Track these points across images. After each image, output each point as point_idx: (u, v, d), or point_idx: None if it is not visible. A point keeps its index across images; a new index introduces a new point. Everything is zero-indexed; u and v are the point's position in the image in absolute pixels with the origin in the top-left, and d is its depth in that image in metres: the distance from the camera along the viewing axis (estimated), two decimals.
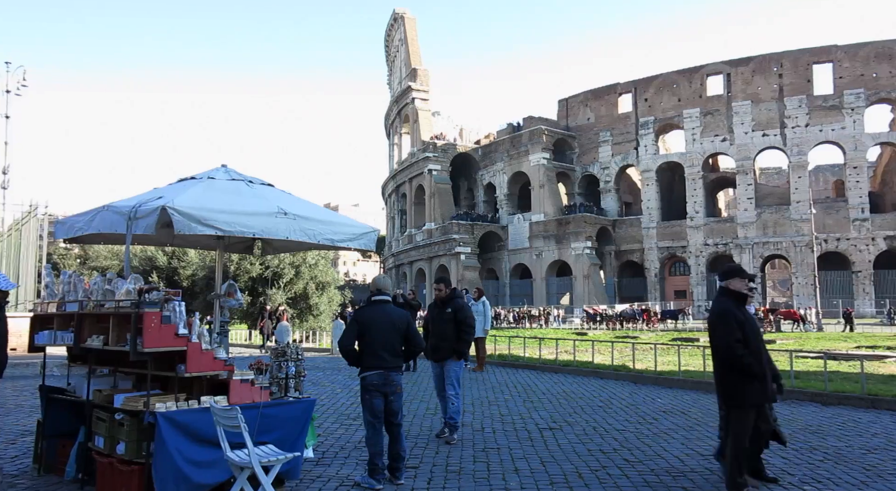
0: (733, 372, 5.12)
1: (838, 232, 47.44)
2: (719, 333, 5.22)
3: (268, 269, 34.49)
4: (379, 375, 5.77)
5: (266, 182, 6.75)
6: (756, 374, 5.08)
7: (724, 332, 5.16)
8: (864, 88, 47.70)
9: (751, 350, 5.08)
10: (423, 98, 65.76)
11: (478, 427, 8.37)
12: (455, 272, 56.73)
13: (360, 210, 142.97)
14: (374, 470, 5.63)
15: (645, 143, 55.17)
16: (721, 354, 5.23)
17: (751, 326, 5.24)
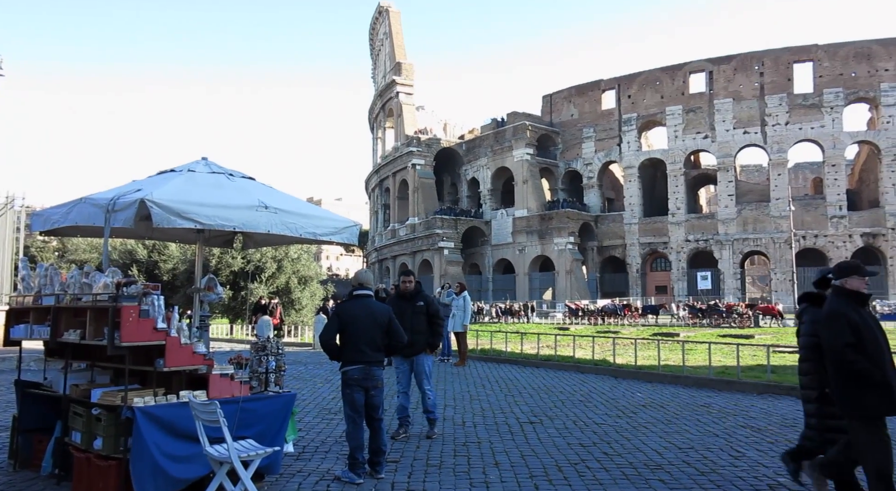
0: (850, 379, 4.53)
1: (816, 229, 48.12)
2: (828, 336, 4.63)
3: (249, 263, 34.30)
4: (360, 369, 5.77)
5: (247, 175, 6.70)
6: (877, 381, 4.44)
7: (832, 334, 4.56)
8: (843, 87, 48.34)
9: (868, 355, 4.47)
10: (407, 92, 65.55)
11: (459, 421, 8.41)
12: (438, 267, 56.77)
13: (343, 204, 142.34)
14: (355, 464, 5.63)
15: (628, 140, 55.50)
16: (831, 358, 4.64)
17: (869, 329, 4.59)
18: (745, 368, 12.54)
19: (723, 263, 50.53)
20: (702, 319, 34.66)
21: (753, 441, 7.22)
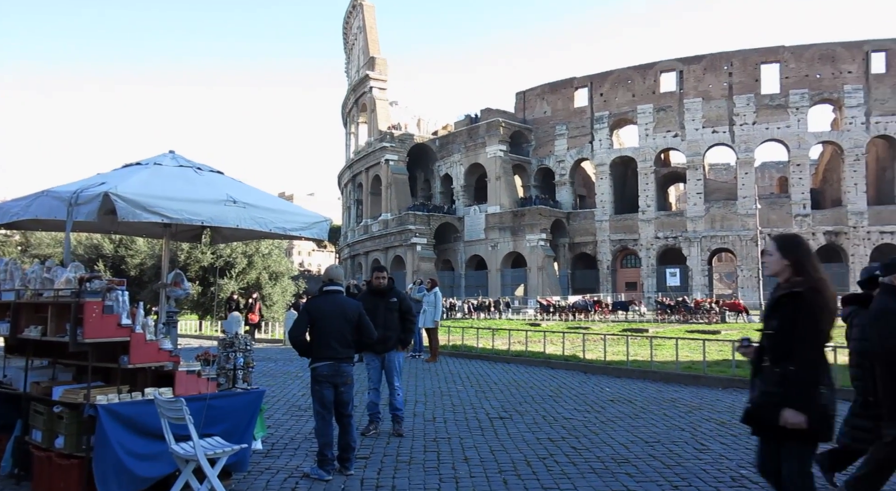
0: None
1: (781, 227, 49.13)
2: (876, 336, 4.27)
3: (219, 258, 33.87)
4: (329, 365, 5.74)
5: (215, 169, 6.62)
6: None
7: (882, 334, 4.22)
8: (808, 89, 49.41)
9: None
10: (380, 87, 65.24)
11: (429, 417, 8.42)
12: (411, 263, 56.70)
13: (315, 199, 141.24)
14: (324, 461, 5.61)
15: (600, 138, 56.00)
16: (882, 361, 4.28)
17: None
18: (710, 363, 12.77)
19: (691, 260, 51.35)
20: (670, 315, 35.22)
21: (718, 434, 7.36)
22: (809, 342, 3.42)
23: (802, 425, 3.34)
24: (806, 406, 3.35)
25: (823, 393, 3.40)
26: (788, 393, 3.40)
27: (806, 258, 3.60)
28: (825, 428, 3.44)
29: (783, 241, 3.75)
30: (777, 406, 3.41)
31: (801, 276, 3.54)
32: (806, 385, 3.39)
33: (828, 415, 3.41)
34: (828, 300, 3.48)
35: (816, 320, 3.41)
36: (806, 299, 3.44)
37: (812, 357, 3.43)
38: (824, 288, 3.49)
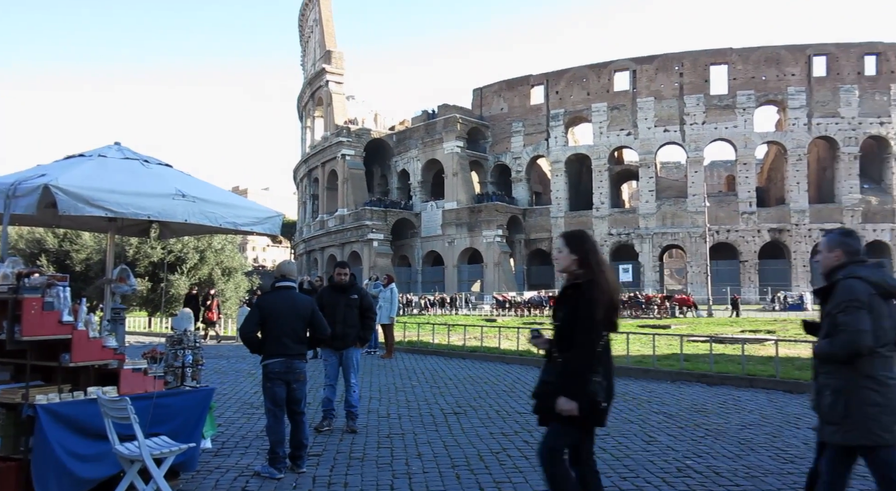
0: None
1: (729, 224, 50.67)
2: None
3: (170, 253, 33.02)
4: (281, 362, 5.67)
5: (164, 162, 6.45)
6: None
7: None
8: (754, 90, 51.00)
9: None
10: (337, 81, 64.59)
11: (384, 414, 8.40)
12: (367, 259, 56.40)
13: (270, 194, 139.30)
14: (275, 459, 5.55)
15: (555, 135, 56.67)
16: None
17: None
18: (660, 357, 13.10)
19: (643, 257, 52.48)
20: (623, 310, 35.92)
21: (665, 426, 7.56)
22: (585, 332, 3.49)
23: (574, 412, 3.43)
24: (577, 394, 3.43)
25: (596, 381, 3.47)
26: (563, 382, 3.50)
27: (590, 253, 3.68)
28: (594, 415, 3.52)
29: (570, 237, 3.81)
30: (553, 395, 3.49)
31: (583, 269, 3.63)
32: (579, 373, 3.46)
33: (597, 402, 3.48)
34: (604, 292, 3.55)
35: (592, 311, 3.47)
36: (584, 291, 3.53)
37: (587, 347, 3.49)
38: (603, 280, 3.57)
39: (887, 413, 3.51)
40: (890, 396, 3.53)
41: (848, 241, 3.84)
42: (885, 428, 3.51)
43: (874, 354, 3.56)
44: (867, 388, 3.54)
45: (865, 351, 3.52)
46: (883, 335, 3.57)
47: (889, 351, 3.61)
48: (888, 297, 3.68)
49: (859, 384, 3.56)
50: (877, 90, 49.87)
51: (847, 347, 3.54)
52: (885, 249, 49.35)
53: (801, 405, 9.00)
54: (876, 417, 3.51)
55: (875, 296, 3.61)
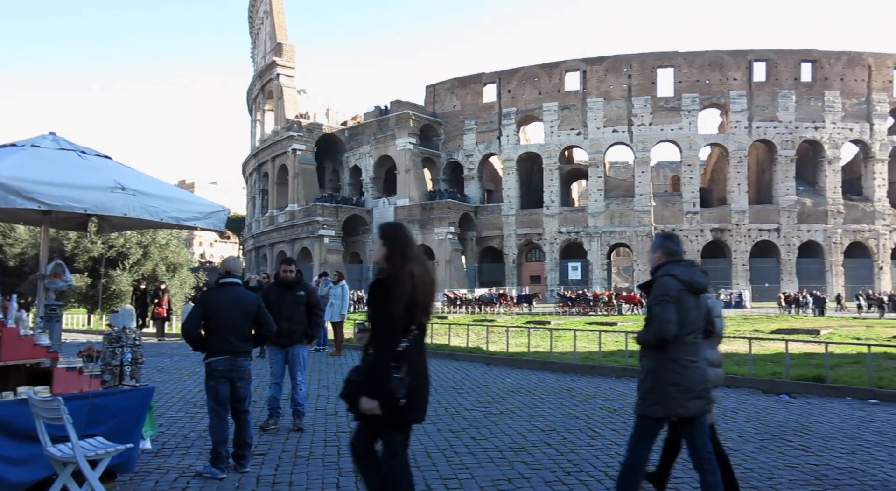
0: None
1: (673, 223, 52.09)
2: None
3: (111, 248, 31.94)
4: (225, 360, 5.55)
5: (102, 154, 6.23)
6: None
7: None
8: (698, 93, 52.56)
9: None
10: (288, 74, 63.57)
11: (331, 411, 8.33)
12: (318, 255, 55.77)
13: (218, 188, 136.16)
14: (218, 459, 5.43)
15: (507, 133, 57.15)
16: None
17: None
18: (606, 354, 13.37)
19: (591, 255, 53.48)
20: (571, 307, 36.51)
21: (609, 421, 7.72)
22: (383, 329, 3.44)
23: (376, 411, 3.37)
24: (377, 392, 3.38)
25: (397, 378, 3.40)
26: (364, 380, 3.47)
27: (400, 247, 3.60)
28: (396, 413, 3.43)
29: (383, 230, 3.73)
30: (357, 394, 3.45)
31: (388, 263, 3.57)
32: (379, 371, 3.40)
33: (396, 400, 3.40)
34: (406, 287, 3.45)
35: (390, 307, 3.41)
36: (385, 286, 3.48)
37: (386, 344, 3.43)
38: (405, 275, 3.48)
39: (682, 391, 4.03)
40: (688, 376, 4.05)
41: (667, 243, 4.40)
42: (679, 403, 4.04)
43: (680, 340, 4.06)
44: (670, 369, 4.06)
45: (670, 338, 4.02)
46: (689, 325, 4.09)
47: (694, 338, 4.14)
48: (696, 292, 4.17)
49: (664, 366, 4.08)
50: (812, 96, 52.05)
51: (656, 334, 4.06)
52: (818, 248, 51.63)
53: (736, 399, 9.34)
54: (672, 394, 4.04)
55: (684, 291, 4.10)
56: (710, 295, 4.60)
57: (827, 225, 51.42)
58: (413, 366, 3.50)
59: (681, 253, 4.40)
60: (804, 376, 10.27)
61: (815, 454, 6.17)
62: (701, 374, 4.12)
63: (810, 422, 7.72)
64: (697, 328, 4.18)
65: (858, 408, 8.68)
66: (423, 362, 3.63)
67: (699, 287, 4.19)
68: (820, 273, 50.62)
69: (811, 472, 5.57)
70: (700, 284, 4.20)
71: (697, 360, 4.13)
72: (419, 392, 3.55)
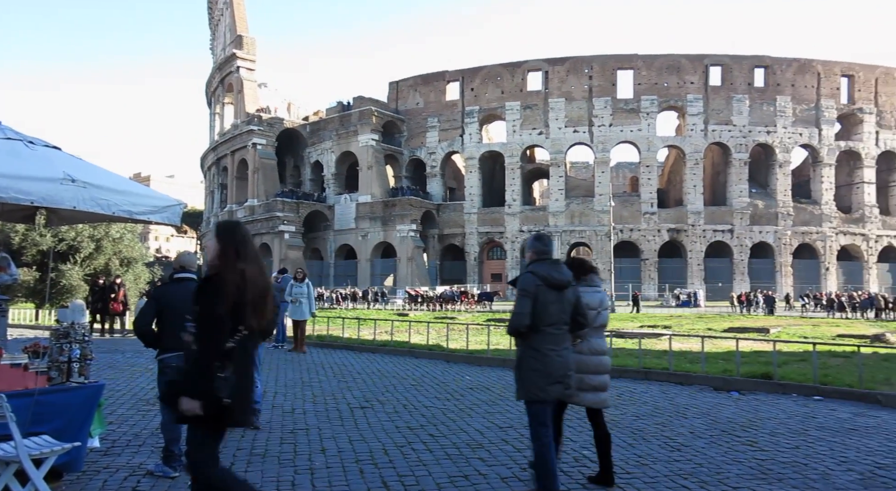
0: None
1: (632, 223, 53.07)
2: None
3: (62, 241, 30.97)
4: (178, 357, 5.44)
5: (51, 144, 6.03)
6: None
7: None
8: (657, 96, 53.60)
9: None
10: (248, 67, 62.55)
11: (288, 409, 8.25)
12: (278, 251, 55.06)
13: (175, 182, 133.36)
14: (170, 457, 5.33)
15: (470, 132, 57.34)
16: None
17: None
18: None
19: (552, 254, 54.02)
20: None
21: (566, 418, 7.80)
22: (207, 328, 3.34)
23: (197, 412, 3.26)
24: (200, 392, 3.27)
25: (221, 377, 3.29)
26: (185, 381, 3.38)
27: (234, 245, 3.52)
28: (220, 413, 3.32)
29: (219, 227, 3.66)
30: (178, 394, 3.34)
31: (220, 261, 3.48)
32: (202, 370, 3.29)
33: (219, 399, 3.27)
34: (233, 286, 3.37)
35: (219, 305, 3.32)
36: (214, 285, 3.39)
37: (209, 343, 3.33)
38: (233, 274, 3.39)
39: (542, 377, 4.43)
40: (548, 363, 4.44)
41: (537, 244, 4.78)
42: (540, 388, 4.45)
43: (540, 331, 4.45)
44: (531, 357, 4.49)
45: (524, 329, 4.45)
46: (548, 317, 4.46)
47: (555, 330, 4.51)
48: (556, 287, 4.52)
49: (527, 354, 4.52)
50: (765, 101, 53.61)
51: (512, 325, 4.54)
52: (769, 249, 53.23)
53: (690, 396, 9.57)
54: (534, 379, 4.45)
55: (542, 286, 4.47)
56: (596, 289, 5.22)
57: (777, 227, 53.05)
58: (239, 367, 3.39)
59: (549, 252, 4.76)
60: (753, 374, 10.58)
61: (762, 449, 6.37)
62: (561, 361, 4.49)
63: (758, 418, 7.97)
64: (559, 320, 4.52)
65: (803, 404, 8.99)
66: (249, 367, 3.55)
67: (557, 282, 4.53)
68: (770, 273, 52.20)
69: (757, 466, 5.75)
70: (558, 279, 4.54)
71: (559, 348, 4.50)
72: (244, 393, 3.46)
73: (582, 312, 4.72)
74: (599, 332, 5.20)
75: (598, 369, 5.09)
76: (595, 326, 5.05)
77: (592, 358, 5.01)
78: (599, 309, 5.16)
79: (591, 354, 5.01)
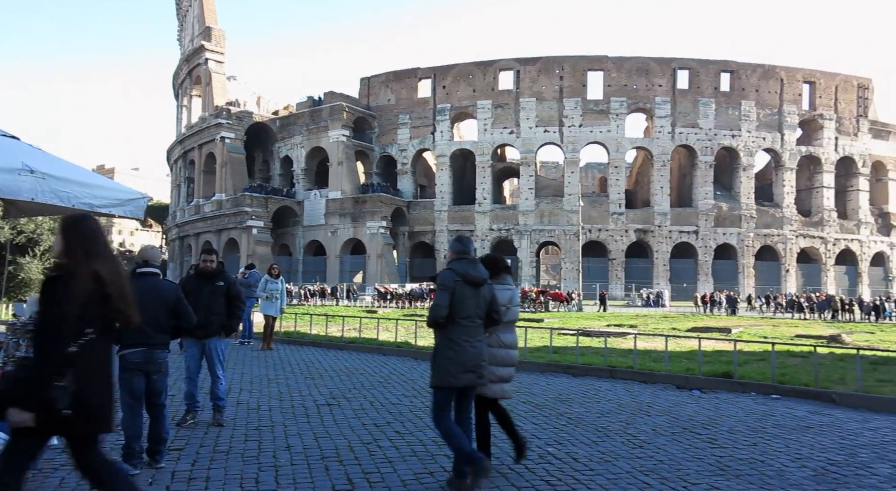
0: None
1: (600, 223, 53.68)
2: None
3: (21, 234, 30.21)
4: (141, 352, 5.36)
5: (9, 133, 5.88)
6: None
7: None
8: (626, 97, 54.28)
9: None
10: (217, 60, 61.58)
11: (254, 405, 8.17)
12: (246, 246, 54.40)
13: (140, 175, 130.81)
14: (131, 454, 5.24)
15: (441, 129, 57.34)
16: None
17: None
18: (532, 349, 13.66)
19: (521, 252, 54.41)
20: None
21: (531, 415, 7.90)
22: (52, 330, 3.09)
23: (29, 423, 3.02)
24: (32, 402, 3.02)
25: (60, 386, 3.05)
26: (17, 388, 3.15)
27: (81, 241, 3.31)
28: (57, 424, 3.10)
29: (64, 221, 3.44)
30: (5, 404, 3.06)
31: (67, 259, 3.26)
32: (37, 379, 3.06)
33: (57, 411, 3.05)
34: (83, 287, 3.17)
35: (63, 307, 3.10)
36: (59, 284, 3.16)
37: (53, 347, 3.08)
38: (84, 273, 3.19)
39: (455, 365, 4.82)
40: (461, 353, 4.82)
41: (457, 244, 5.16)
42: (452, 376, 4.83)
43: (457, 323, 4.84)
44: (446, 346, 4.86)
45: (441, 320, 4.83)
46: (464, 310, 4.85)
47: (470, 322, 4.89)
48: (472, 283, 4.91)
49: (443, 343, 4.90)
50: (730, 105, 54.70)
51: (431, 316, 4.90)
52: (732, 250, 54.36)
53: (653, 394, 9.74)
54: (447, 367, 4.84)
55: (460, 282, 4.87)
56: (508, 287, 5.52)
57: (741, 229, 54.19)
58: (85, 372, 3.15)
59: (468, 252, 5.12)
60: (714, 372, 10.81)
61: (721, 446, 6.52)
62: (474, 352, 4.88)
63: (718, 416, 8.15)
64: (474, 314, 4.90)
65: (762, 402, 9.22)
66: (102, 367, 3.31)
67: (474, 279, 4.92)
68: (733, 274, 53.32)
69: (716, 463, 5.89)
70: (474, 276, 4.93)
71: (472, 340, 4.88)
72: (93, 400, 3.18)
73: (496, 309, 5.08)
74: (509, 327, 5.49)
75: (505, 362, 5.37)
76: (505, 320, 5.34)
77: (500, 351, 5.32)
78: (510, 305, 5.47)
79: (499, 347, 5.32)
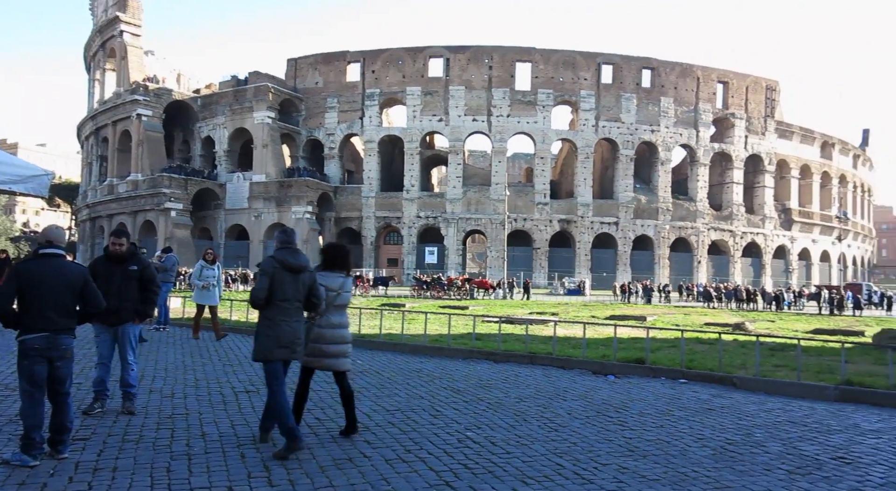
0: None
1: (525, 213, 54.68)
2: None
3: None
4: (43, 338, 5.08)
5: None
6: None
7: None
8: (553, 90, 55.35)
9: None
10: (133, 33, 58.54)
11: (167, 393, 7.90)
12: (163, 229, 52.26)
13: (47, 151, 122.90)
14: (30, 445, 4.97)
15: (370, 115, 56.74)
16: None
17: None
18: (455, 337, 13.82)
19: (448, 240, 54.76)
20: (426, 291, 37.21)
21: (452, 401, 8.02)
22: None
23: None
24: None
25: None
26: None
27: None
28: None
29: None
30: None
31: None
32: None
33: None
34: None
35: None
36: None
37: None
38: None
39: (272, 341, 5.49)
40: (278, 331, 5.50)
41: (281, 235, 5.96)
42: (269, 351, 5.51)
43: (275, 304, 5.51)
44: (265, 324, 5.56)
45: (259, 302, 5.51)
46: (282, 293, 5.52)
47: (288, 304, 5.56)
48: (291, 270, 5.60)
49: (262, 322, 5.58)
50: (650, 101, 56.73)
51: (252, 298, 5.61)
52: (649, 242, 56.62)
53: (570, 380, 10.06)
54: (265, 343, 5.53)
55: (279, 269, 5.55)
56: (340, 274, 6.12)
57: (657, 221, 56.48)
58: None
59: (290, 243, 5.87)
60: (628, 359, 11.28)
61: (630, 428, 6.83)
62: (290, 330, 5.55)
63: (630, 399, 8.52)
64: (292, 297, 5.57)
65: (670, 387, 9.70)
66: None
67: (292, 266, 5.60)
68: (650, 265, 55.58)
69: (625, 444, 6.16)
70: (293, 264, 5.61)
71: (289, 320, 5.54)
72: None
73: (316, 294, 5.73)
74: (341, 310, 6.07)
75: (335, 340, 5.94)
76: (336, 304, 5.98)
77: (328, 330, 5.89)
78: (340, 291, 6.03)
79: (328, 328, 5.90)
